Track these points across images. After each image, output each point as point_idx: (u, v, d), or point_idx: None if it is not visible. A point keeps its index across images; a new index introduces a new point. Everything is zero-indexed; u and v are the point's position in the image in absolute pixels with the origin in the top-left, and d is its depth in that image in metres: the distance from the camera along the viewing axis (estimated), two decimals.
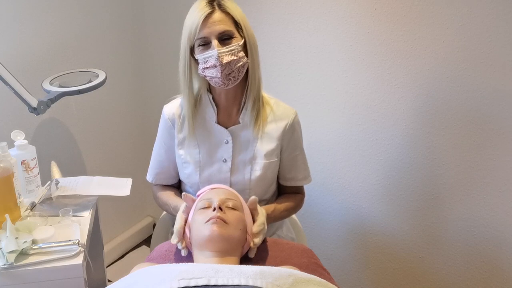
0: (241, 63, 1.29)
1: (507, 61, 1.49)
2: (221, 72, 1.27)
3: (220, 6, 1.28)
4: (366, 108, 1.78)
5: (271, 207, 1.41)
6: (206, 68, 1.28)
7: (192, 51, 1.32)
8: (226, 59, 1.26)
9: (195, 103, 1.39)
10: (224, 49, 1.26)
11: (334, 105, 1.85)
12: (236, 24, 1.29)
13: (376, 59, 1.70)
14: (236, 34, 1.29)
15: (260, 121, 1.39)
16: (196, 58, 1.30)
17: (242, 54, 1.29)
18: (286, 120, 1.42)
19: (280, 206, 1.44)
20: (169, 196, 1.47)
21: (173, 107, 1.44)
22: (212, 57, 1.26)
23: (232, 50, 1.27)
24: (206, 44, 1.28)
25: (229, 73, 1.28)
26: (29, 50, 1.82)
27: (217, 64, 1.25)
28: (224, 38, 1.27)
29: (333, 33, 1.76)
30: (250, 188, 1.41)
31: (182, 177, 1.47)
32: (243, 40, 1.30)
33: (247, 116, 1.39)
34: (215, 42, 1.26)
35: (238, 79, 1.31)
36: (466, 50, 1.54)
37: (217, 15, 1.27)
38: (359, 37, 1.71)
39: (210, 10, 1.26)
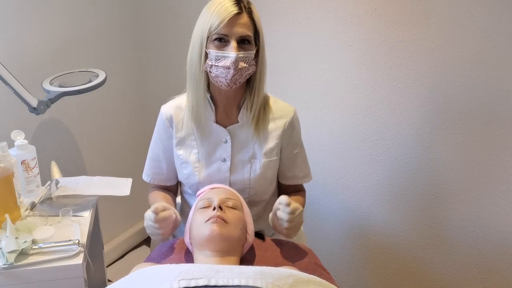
0: (250, 71, 1.29)
1: (507, 61, 1.49)
2: (232, 76, 1.26)
3: (246, 9, 1.26)
4: (366, 108, 1.78)
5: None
6: (216, 66, 1.26)
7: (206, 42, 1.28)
8: (241, 65, 1.25)
9: (204, 98, 1.36)
10: (241, 54, 1.25)
11: (334, 105, 1.85)
12: (255, 32, 1.28)
13: (376, 59, 1.70)
14: (253, 41, 1.28)
15: (260, 120, 1.39)
16: (207, 51, 1.28)
17: (253, 62, 1.29)
18: (286, 118, 1.42)
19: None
20: (155, 201, 1.44)
21: (171, 107, 1.43)
22: (227, 59, 1.25)
23: (247, 57, 1.26)
24: (222, 41, 1.26)
25: (237, 78, 1.28)
26: (29, 50, 1.82)
27: (231, 67, 1.25)
28: (243, 42, 1.26)
29: (333, 33, 1.76)
30: (250, 187, 1.41)
31: (181, 178, 1.47)
32: (256, 48, 1.30)
33: (246, 115, 1.38)
34: (234, 44, 1.24)
35: (241, 83, 1.31)
36: (466, 50, 1.54)
37: (244, 18, 1.25)
38: (359, 37, 1.71)
39: (238, 11, 1.24)
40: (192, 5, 1.33)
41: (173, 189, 1.55)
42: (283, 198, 1.26)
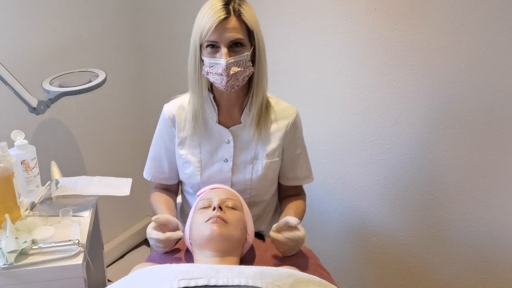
0: (246, 73, 1.28)
1: (507, 61, 1.49)
2: (226, 82, 1.25)
3: (235, 11, 1.23)
4: (366, 108, 1.78)
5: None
6: (211, 73, 1.26)
7: (200, 49, 1.28)
8: (233, 70, 1.24)
9: (203, 101, 1.36)
10: (232, 60, 1.23)
11: (334, 105, 1.85)
12: (249, 32, 1.26)
13: (376, 59, 1.70)
14: (247, 42, 1.26)
15: (262, 121, 1.38)
16: (202, 58, 1.28)
17: (249, 64, 1.28)
18: (288, 119, 1.42)
19: (298, 214, 1.43)
20: (157, 205, 1.44)
21: (174, 107, 1.43)
22: (219, 66, 1.24)
23: (240, 61, 1.25)
24: (214, 47, 1.25)
25: (233, 83, 1.27)
26: (29, 50, 1.82)
27: (224, 74, 1.24)
28: (235, 46, 1.24)
29: (333, 33, 1.76)
30: (252, 188, 1.41)
31: (182, 178, 1.47)
32: (252, 48, 1.28)
33: (248, 116, 1.38)
34: (224, 50, 1.22)
35: (240, 86, 1.30)
36: (466, 50, 1.54)
37: (232, 22, 1.22)
38: (359, 37, 1.71)
39: (226, 16, 1.21)
40: (192, 4, 1.33)
41: (174, 188, 1.54)
42: (293, 235, 1.25)
